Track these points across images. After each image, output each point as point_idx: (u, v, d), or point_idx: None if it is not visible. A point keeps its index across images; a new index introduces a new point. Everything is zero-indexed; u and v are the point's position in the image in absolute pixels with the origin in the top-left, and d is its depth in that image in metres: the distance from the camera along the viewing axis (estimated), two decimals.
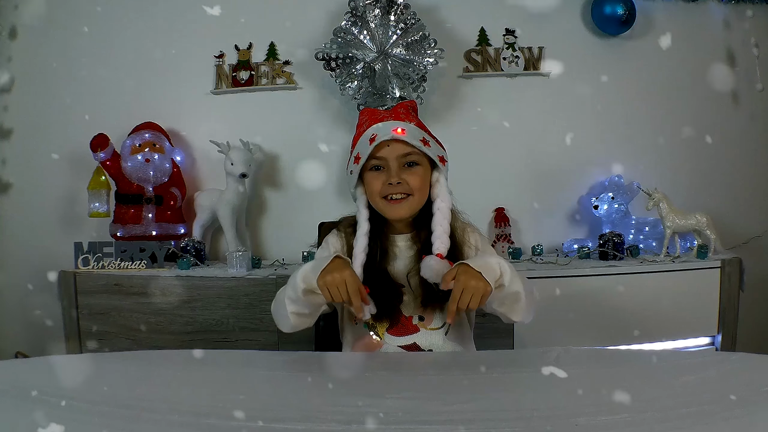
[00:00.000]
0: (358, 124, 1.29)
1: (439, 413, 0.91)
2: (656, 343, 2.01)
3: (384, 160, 1.21)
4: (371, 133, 1.21)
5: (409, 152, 1.20)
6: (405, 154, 1.20)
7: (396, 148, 1.20)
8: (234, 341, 1.98)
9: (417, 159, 1.22)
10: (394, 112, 1.26)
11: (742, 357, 1.12)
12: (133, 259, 2.09)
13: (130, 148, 2.22)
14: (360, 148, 1.23)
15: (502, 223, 2.39)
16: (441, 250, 1.17)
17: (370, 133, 1.21)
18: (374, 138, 1.19)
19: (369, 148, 1.19)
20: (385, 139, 1.19)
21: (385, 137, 1.19)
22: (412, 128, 1.22)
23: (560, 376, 1.08)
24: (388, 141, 1.19)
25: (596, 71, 2.40)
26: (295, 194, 2.44)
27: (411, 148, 1.20)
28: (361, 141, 1.23)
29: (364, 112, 1.31)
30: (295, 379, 1.08)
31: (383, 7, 2.20)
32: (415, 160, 1.21)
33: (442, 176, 1.25)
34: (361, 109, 1.36)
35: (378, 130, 1.20)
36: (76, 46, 2.39)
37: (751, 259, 2.17)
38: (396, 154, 1.20)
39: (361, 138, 1.24)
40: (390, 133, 1.19)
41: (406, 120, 1.23)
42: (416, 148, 1.20)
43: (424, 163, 1.23)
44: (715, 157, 2.44)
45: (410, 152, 1.20)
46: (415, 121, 1.25)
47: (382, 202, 1.21)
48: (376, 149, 1.20)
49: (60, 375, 1.08)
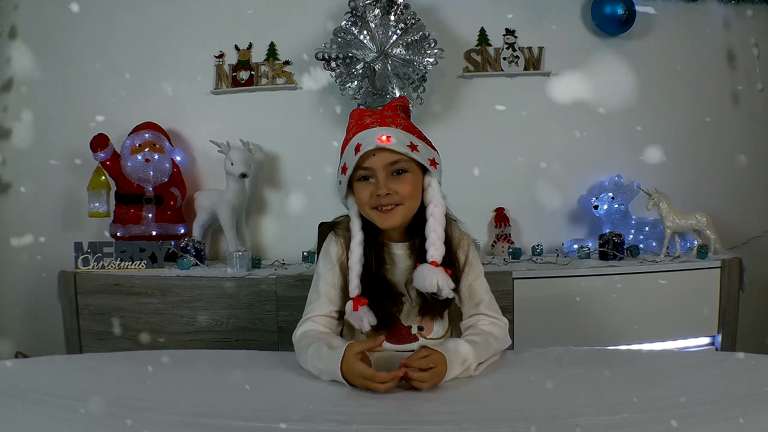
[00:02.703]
0: (347, 128, 1.24)
1: (439, 413, 0.91)
2: (656, 343, 2.01)
3: (371, 170, 1.15)
4: (356, 142, 1.15)
5: (397, 160, 1.14)
6: (392, 162, 1.14)
7: (382, 157, 1.14)
8: (234, 341, 1.98)
9: (405, 166, 1.16)
10: (380, 116, 1.19)
11: (742, 357, 1.12)
12: (133, 259, 2.09)
13: (130, 148, 2.22)
14: (346, 157, 1.18)
15: (502, 223, 2.39)
16: (435, 258, 1.13)
17: (356, 141, 1.15)
18: (359, 147, 1.14)
19: (355, 158, 1.14)
20: (369, 149, 1.13)
21: (370, 147, 1.13)
22: (399, 133, 1.15)
23: (560, 376, 1.08)
24: (373, 150, 1.13)
25: (596, 71, 2.39)
26: (295, 194, 2.43)
27: (398, 155, 1.14)
28: (347, 150, 1.18)
29: (353, 114, 1.26)
30: (295, 379, 1.08)
31: (383, 7, 2.20)
32: (403, 167, 1.15)
33: (435, 180, 1.20)
34: (353, 110, 1.32)
35: (363, 139, 1.15)
36: (75, 45, 2.39)
37: (751, 259, 2.17)
38: (383, 163, 1.14)
39: (347, 147, 1.18)
40: (374, 142, 1.13)
41: (392, 125, 1.17)
42: (404, 155, 1.14)
43: (413, 168, 1.17)
44: (715, 157, 2.44)
45: (398, 159, 1.14)
46: (402, 125, 1.19)
47: (373, 213, 1.17)
48: (362, 159, 1.14)
49: (60, 375, 1.08)
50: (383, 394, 0.98)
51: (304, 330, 1.19)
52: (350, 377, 1.01)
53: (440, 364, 1.03)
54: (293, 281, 1.98)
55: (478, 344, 1.11)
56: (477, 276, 1.25)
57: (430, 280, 1.11)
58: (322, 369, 1.06)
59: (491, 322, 1.21)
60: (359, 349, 1.04)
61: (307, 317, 1.21)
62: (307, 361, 1.10)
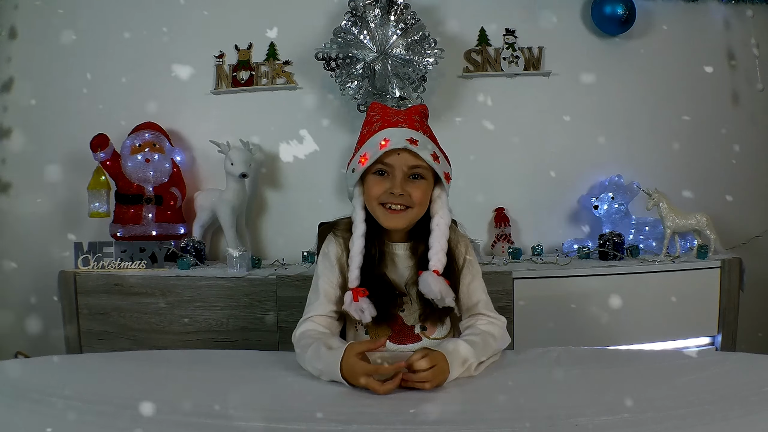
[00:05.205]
0: (367, 120, 1.25)
1: (439, 413, 0.91)
2: (656, 343, 2.01)
3: (390, 167, 1.17)
4: (383, 137, 1.17)
5: (418, 165, 1.17)
6: (413, 166, 1.17)
7: (405, 159, 1.16)
8: (234, 341, 1.98)
9: (423, 172, 1.18)
10: (408, 118, 1.22)
11: (742, 357, 1.13)
12: (133, 259, 2.09)
13: (130, 148, 2.22)
14: (369, 149, 1.19)
15: (502, 223, 2.39)
16: (437, 267, 1.16)
17: (382, 136, 1.17)
18: (386, 143, 1.16)
19: (379, 152, 1.16)
20: (397, 147, 1.15)
21: (398, 145, 1.15)
22: (425, 140, 1.19)
23: (560, 376, 1.08)
24: (399, 149, 1.16)
25: (596, 71, 2.39)
26: (295, 194, 2.43)
27: (420, 161, 1.16)
28: (370, 141, 1.19)
29: (375, 106, 1.27)
30: (295, 379, 1.08)
31: (383, 7, 2.20)
32: (421, 173, 1.18)
33: (444, 193, 1.23)
34: (371, 102, 1.32)
35: (391, 136, 1.17)
36: (76, 46, 2.39)
37: (751, 259, 2.17)
38: (404, 164, 1.16)
39: (371, 138, 1.20)
40: (404, 142, 1.15)
41: (420, 130, 1.20)
42: (426, 162, 1.17)
43: (428, 177, 1.20)
44: (715, 158, 2.44)
45: (418, 165, 1.17)
46: (428, 133, 1.23)
47: (380, 209, 1.19)
48: (384, 155, 1.16)
49: (60, 375, 1.08)
50: (383, 394, 0.98)
51: (304, 330, 1.19)
52: (350, 377, 1.01)
53: (441, 361, 1.03)
54: (293, 281, 1.98)
55: (477, 344, 1.12)
56: (475, 277, 1.27)
57: (433, 288, 1.13)
58: (321, 370, 1.06)
59: (489, 322, 1.22)
60: (360, 349, 1.04)
61: (306, 317, 1.22)
62: (306, 362, 1.11)
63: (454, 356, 1.06)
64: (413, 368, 1.01)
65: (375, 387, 0.98)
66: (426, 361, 1.01)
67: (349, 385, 1.02)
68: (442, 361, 1.03)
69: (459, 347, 1.09)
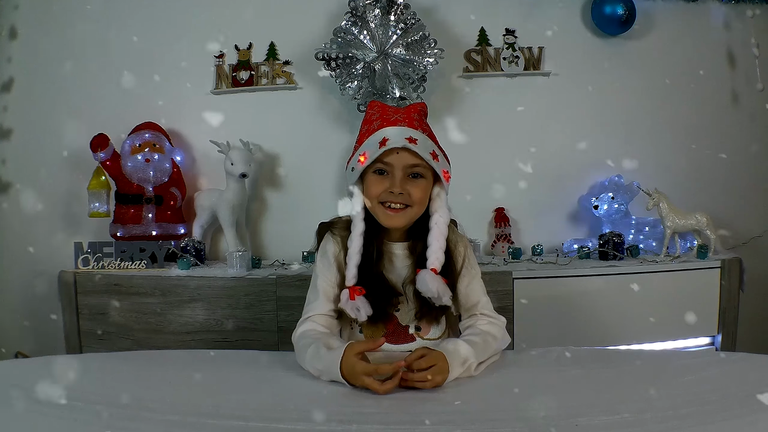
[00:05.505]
0: (366, 119, 1.25)
1: (439, 413, 0.91)
2: (656, 343, 2.01)
3: (390, 166, 1.17)
4: (382, 136, 1.17)
5: (417, 164, 1.17)
6: (412, 165, 1.17)
7: (405, 157, 1.16)
8: (234, 341, 1.98)
9: (422, 171, 1.19)
10: (407, 116, 1.22)
11: (742, 357, 1.13)
12: (133, 259, 2.09)
13: (130, 148, 2.22)
14: (368, 147, 1.19)
15: (502, 223, 2.39)
16: (435, 266, 1.16)
17: (382, 135, 1.17)
18: (385, 142, 1.16)
19: (378, 151, 1.16)
20: (396, 146, 1.15)
21: (397, 144, 1.15)
22: (424, 139, 1.19)
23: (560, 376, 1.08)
24: (398, 148, 1.16)
25: (596, 71, 2.40)
26: (295, 194, 2.43)
27: (419, 159, 1.16)
28: (370, 140, 1.19)
29: (374, 105, 1.27)
30: (295, 379, 1.08)
31: (383, 7, 2.20)
32: (420, 172, 1.18)
33: (443, 191, 1.23)
34: (371, 101, 1.32)
35: (390, 135, 1.17)
36: (76, 45, 2.38)
37: (751, 259, 2.17)
38: (404, 163, 1.17)
39: (370, 137, 1.20)
40: (403, 141, 1.15)
41: (419, 128, 1.20)
42: (425, 160, 1.17)
43: (428, 176, 1.20)
44: (715, 157, 2.44)
45: (418, 164, 1.17)
46: (428, 131, 1.23)
47: (379, 208, 1.19)
48: (384, 154, 1.16)
49: (60, 375, 1.08)
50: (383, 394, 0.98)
51: (303, 330, 1.19)
52: (351, 377, 1.01)
53: (441, 361, 1.03)
54: (293, 281, 1.98)
55: (477, 344, 1.12)
56: (474, 277, 1.27)
57: (430, 286, 1.14)
58: (321, 370, 1.07)
59: (489, 322, 1.23)
60: (359, 349, 1.04)
61: (306, 317, 1.22)
62: (306, 362, 1.11)
63: (454, 356, 1.06)
64: (413, 368, 1.01)
65: (375, 387, 0.98)
66: (425, 360, 1.02)
67: (349, 385, 1.02)
68: (442, 360, 1.04)
69: (459, 347, 1.09)
